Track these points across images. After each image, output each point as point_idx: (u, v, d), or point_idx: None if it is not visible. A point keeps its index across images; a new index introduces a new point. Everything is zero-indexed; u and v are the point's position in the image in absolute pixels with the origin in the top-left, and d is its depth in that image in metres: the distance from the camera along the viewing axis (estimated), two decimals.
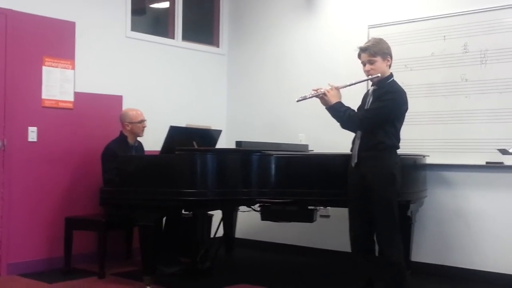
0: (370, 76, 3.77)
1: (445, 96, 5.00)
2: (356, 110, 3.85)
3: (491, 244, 4.79)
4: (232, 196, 4.32)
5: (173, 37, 6.20)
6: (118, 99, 5.55)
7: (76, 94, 5.27)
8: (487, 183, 4.81)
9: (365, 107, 3.81)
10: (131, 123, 5.13)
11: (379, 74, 3.73)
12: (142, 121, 5.18)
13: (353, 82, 3.87)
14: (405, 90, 3.82)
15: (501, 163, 4.66)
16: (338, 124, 3.84)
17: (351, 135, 3.89)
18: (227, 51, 6.67)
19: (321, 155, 4.74)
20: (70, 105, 5.24)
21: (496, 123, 4.73)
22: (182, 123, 5.42)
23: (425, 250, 5.07)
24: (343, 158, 4.03)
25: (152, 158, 4.77)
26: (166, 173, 4.29)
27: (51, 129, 5.09)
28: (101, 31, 5.49)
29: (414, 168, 4.60)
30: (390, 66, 3.80)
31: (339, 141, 4.29)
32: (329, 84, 3.85)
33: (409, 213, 4.47)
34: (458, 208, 4.95)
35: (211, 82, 6.52)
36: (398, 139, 3.78)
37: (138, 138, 5.26)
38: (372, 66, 3.73)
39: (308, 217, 4.53)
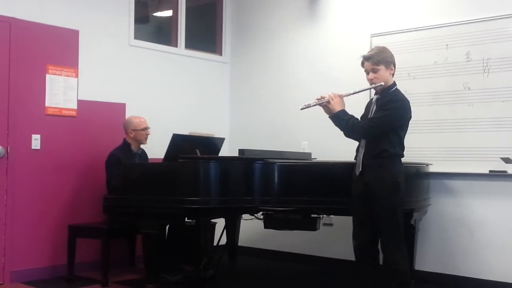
0: (373, 85, 3.77)
1: (448, 104, 5.00)
2: (359, 119, 3.85)
3: (494, 253, 4.77)
4: (235, 204, 4.31)
5: (176, 45, 6.22)
6: (121, 107, 5.57)
7: (80, 102, 5.28)
8: (490, 192, 4.80)
9: (369, 116, 3.80)
10: (134, 130, 5.14)
11: (382, 83, 3.73)
12: (146, 128, 5.19)
13: (357, 90, 3.86)
14: (408, 98, 3.82)
15: (505, 171, 4.66)
16: (341, 132, 3.84)
17: (355, 143, 3.89)
18: (230, 59, 6.68)
19: (324, 164, 4.72)
20: (73, 113, 5.25)
21: (499, 132, 4.73)
22: (185, 131, 5.44)
23: (428, 259, 5.06)
24: (346, 167, 4.03)
25: (155, 166, 4.78)
26: (169, 181, 4.29)
27: (54, 136, 5.10)
28: (104, 39, 5.51)
29: (417, 176, 4.60)
30: (393, 75, 3.80)
31: (342, 149, 4.29)
32: (332, 93, 3.84)
33: (412, 222, 4.46)
34: (461, 217, 4.94)
35: (214, 90, 6.53)
36: (402, 148, 3.78)
37: (142, 146, 5.27)
38: (375, 75, 3.73)
39: (311, 225, 4.53)
